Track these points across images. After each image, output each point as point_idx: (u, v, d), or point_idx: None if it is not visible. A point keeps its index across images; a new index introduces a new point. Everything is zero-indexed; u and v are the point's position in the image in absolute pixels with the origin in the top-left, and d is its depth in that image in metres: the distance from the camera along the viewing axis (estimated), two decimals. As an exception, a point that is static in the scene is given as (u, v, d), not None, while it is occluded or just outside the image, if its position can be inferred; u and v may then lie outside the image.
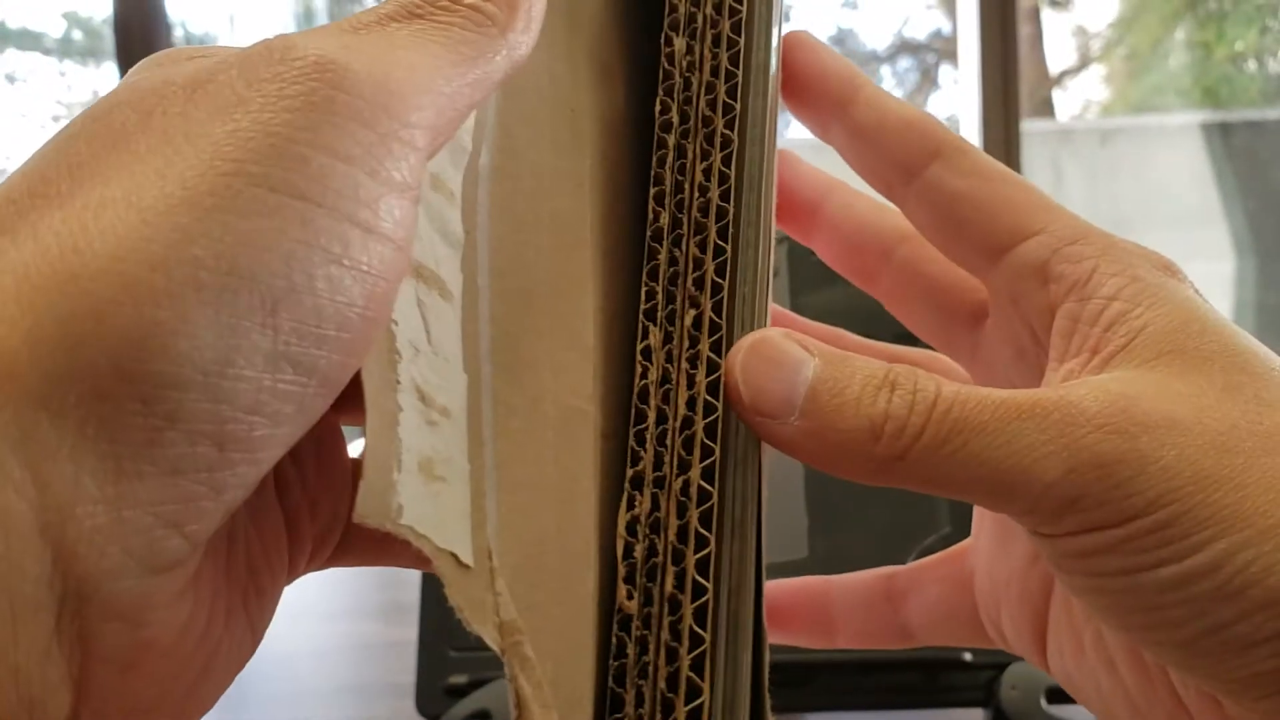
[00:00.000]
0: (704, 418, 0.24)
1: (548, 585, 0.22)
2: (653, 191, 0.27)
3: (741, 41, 0.27)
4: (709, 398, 0.24)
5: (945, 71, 2.60)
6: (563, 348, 0.25)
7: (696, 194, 0.27)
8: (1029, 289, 0.26)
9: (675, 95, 0.28)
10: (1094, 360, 0.24)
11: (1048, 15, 2.74)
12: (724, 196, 0.26)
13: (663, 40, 0.28)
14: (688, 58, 0.28)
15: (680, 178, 0.27)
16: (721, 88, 0.27)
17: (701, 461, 0.24)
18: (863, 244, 0.31)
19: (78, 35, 2.56)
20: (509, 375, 0.23)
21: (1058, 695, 0.55)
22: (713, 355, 0.25)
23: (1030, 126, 2.32)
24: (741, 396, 0.23)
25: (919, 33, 2.71)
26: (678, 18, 0.28)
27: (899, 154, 0.28)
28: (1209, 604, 0.21)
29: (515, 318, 0.23)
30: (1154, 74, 2.70)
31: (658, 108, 0.28)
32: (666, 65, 0.28)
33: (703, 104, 0.27)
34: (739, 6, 0.28)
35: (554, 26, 0.26)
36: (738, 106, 0.27)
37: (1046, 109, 2.77)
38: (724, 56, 0.27)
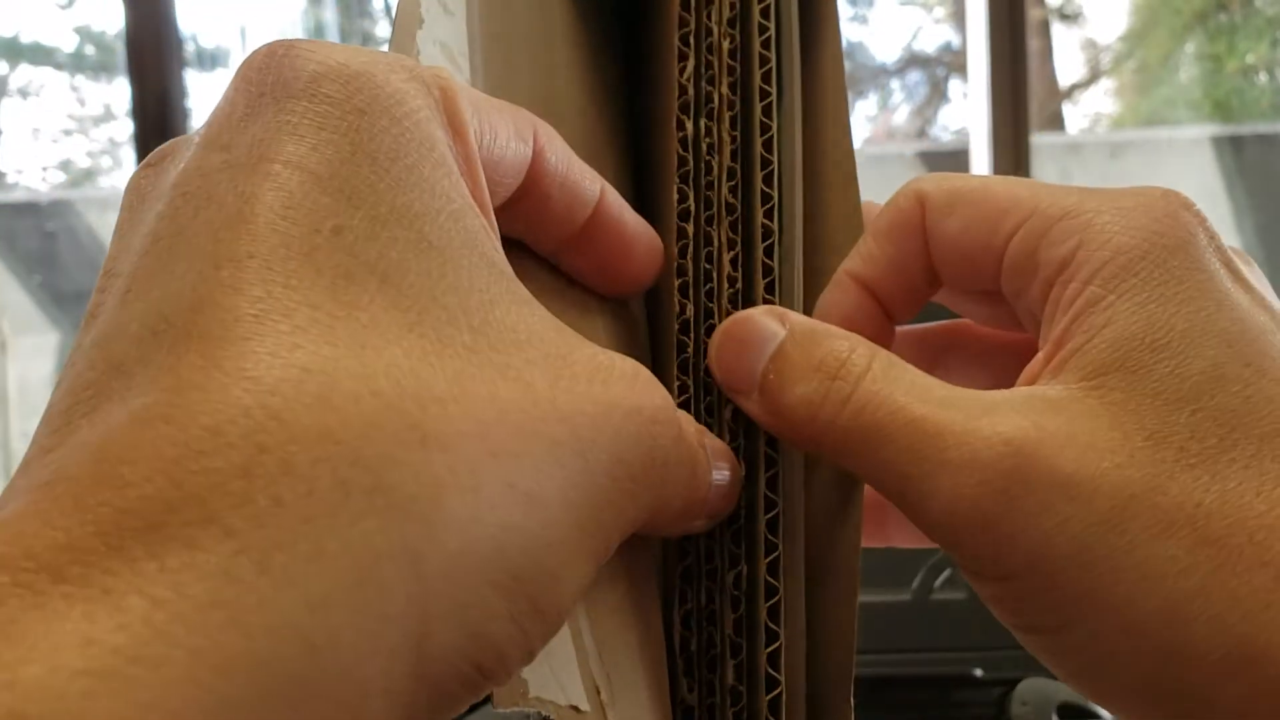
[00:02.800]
0: (766, 512, 0.24)
1: (642, 698, 0.23)
2: (676, 283, 0.26)
3: (775, 126, 0.26)
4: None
5: (955, 85, 2.60)
6: None
7: (726, 285, 0.26)
8: (1024, 285, 0.24)
9: (693, 182, 0.26)
10: (1053, 360, 0.22)
11: (1057, 29, 2.74)
12: (769, 289, 0.25)
13: (674, 124, 0.27)
14: (707, 139, 0.26)
15: (709, 266, 0.26)
16: (758, 175, 0.26)
17: (767, 556, 0.24)
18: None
19: (90, 50, 2.57)
20: None
21: (1069, 711, 0.55)
22: (769, 450, 0.25)
23: (1040, 140, 2.32)
24: (715, 376, 0.24)
25: (929, 46, 2.71)
26: (688, 99, 0.27)
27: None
28: (1081, 671, 0.21)
29: None
30: (1164, 87, 2.69)
31: (675, 196, 0.26)
32: (681, 150, 0.26)
33: (725, 191, 0.26)
34: (769, 89, 0.26)
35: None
36: (775, 196, 0.26)
37: (1056, 122, 2.76)
38: (758, 144, 0.26)
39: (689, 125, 0.26)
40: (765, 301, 0.25)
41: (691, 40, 0.26)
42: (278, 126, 0.18)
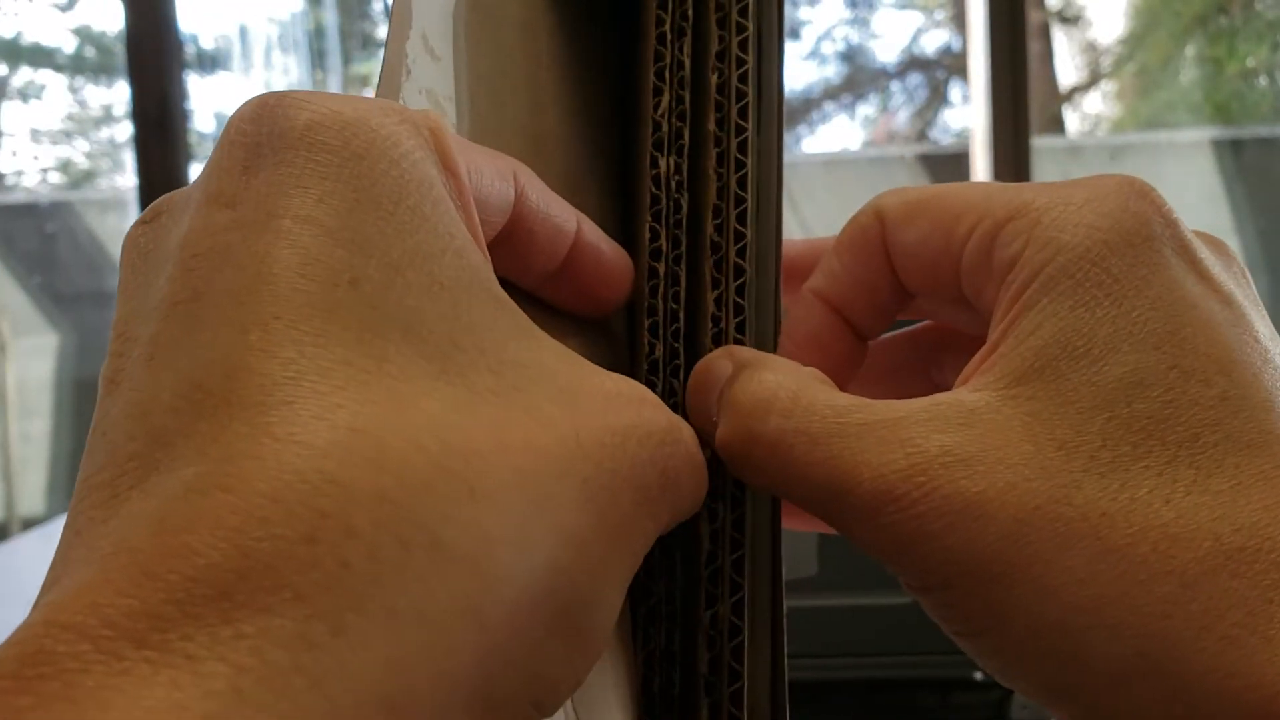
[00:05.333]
0: (732, 551, 0.24)
1: None
2: (647, 323, 0.26)
3: (749, 163, 0.26)
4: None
5: (955, 87, 2.61)
6: None
7: (710, 324, 0.25)
8: (981, 288, 0.23)
9: (664, 220, 0.26)
10: (984, 362, 0.22)
11: (1058, 31, 2.75)
12: (740, 328, 0.25)
13: (649, 161, 0.26)
14: (676, 177, 0.26)
15: (674, 305, 0.26)
16: (732, 213, 0.25)
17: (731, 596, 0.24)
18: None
19: (90, 52, 2.57)
20: None
21: (1069, 715, 0.55)
22: (735, 491, 0.25)
23: (1040, 143, 2.32)
24: (688, 418, 0.24)
25: (929, 49, 2.71)
26: (662, 136, 0.26)
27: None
28: (1001, 673, 0.21)
29: None
30: (1164, 90, 2.70)
31: (646, 234, 0.26)
32: (653, 189, 0.26)
33: (711, 229, 0.26)
34: (744, 124, 0.26)
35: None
36: (749, 233, 0.25)
37: (1056, 125, 2.77)
38: (731, 179, 0.26)
39: (662, 162, 0.26)
40: (736, 342, 0.25)
41: (666, 75, 0.26)
42: (280, 179, 0.18)
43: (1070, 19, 2.76)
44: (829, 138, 2.65)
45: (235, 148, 0.19)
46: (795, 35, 2.62)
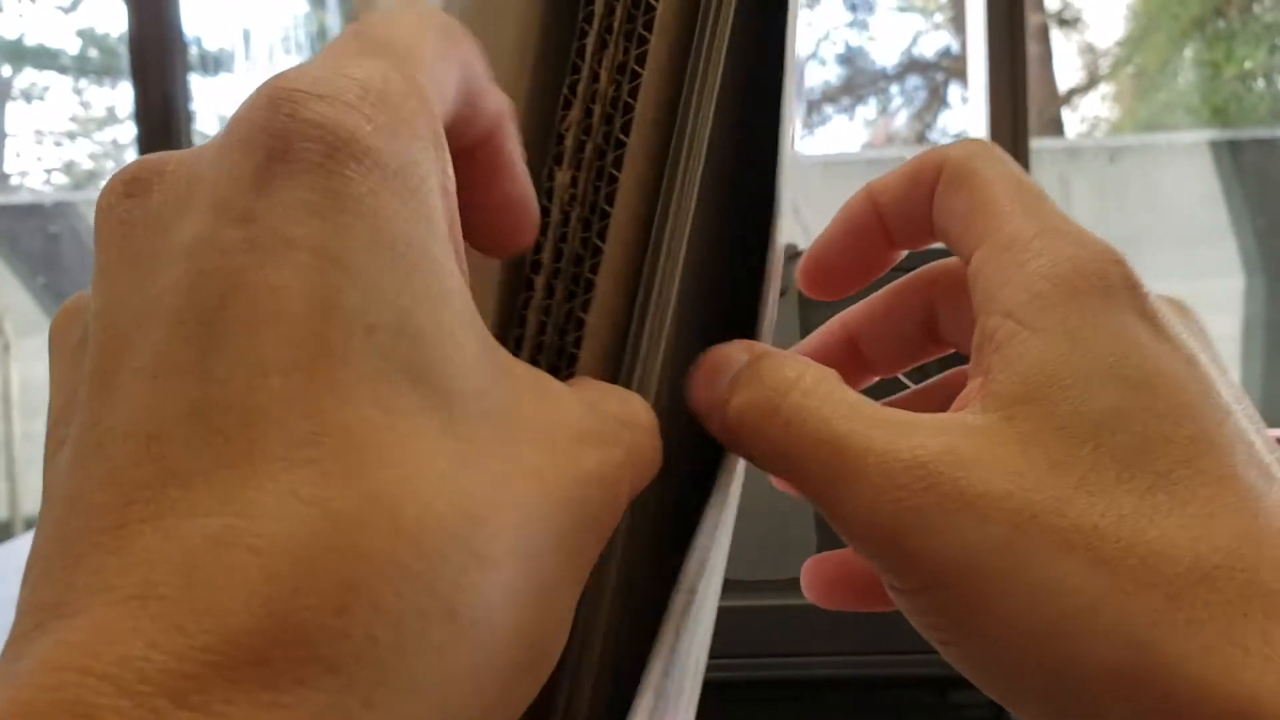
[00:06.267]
0: None
1: None
2: (513, 334, 0.25)
3: (621, 177, 0.25)
4: None
5: (954, 90, 2.61)
6: None
7: (556, 336, 0.25)
8: (974, 293, 0.25)
9: (550, 233, 0.25)
10: (981, 390, 0.23)
11: (1056, 34, 2.75)
12: (575, 344, 0.25)
13: (545, 174, 0.25)
14: (570, 190, 0.25)
15: (544, 319, 0.25)
16: (595, 226, 0.25)
17: None
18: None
19: (93, 53, 2.58)
20: None
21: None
22: None
23: (1039, 144, 2.33)
24: (690, 401, 0.25)
25: (928, 51, 2.72)
26: (563, 150, 0.25)
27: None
28: (989, 683, 0.22)
29: None
30: (1163, 92, 2.70)
31: (533, 249, 0.25)
32: (545, 201, 0.25)
33: (576, 243, 0.25)
34: (624, 138, 0.25)
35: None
36: (605, 248, 0.25)
37: (1055, 127, 2.77)
38: (602, 193, 0.25)
39: (559, 175, 0.25)
40: (571, 358, 0.25)
41: (579, 89, 0.25)
42: (297, 202, 0.17)
43: (1069, 21, 2.77)
44: (828, 140, 2.66)
45: (244, 155, 0.17)
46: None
